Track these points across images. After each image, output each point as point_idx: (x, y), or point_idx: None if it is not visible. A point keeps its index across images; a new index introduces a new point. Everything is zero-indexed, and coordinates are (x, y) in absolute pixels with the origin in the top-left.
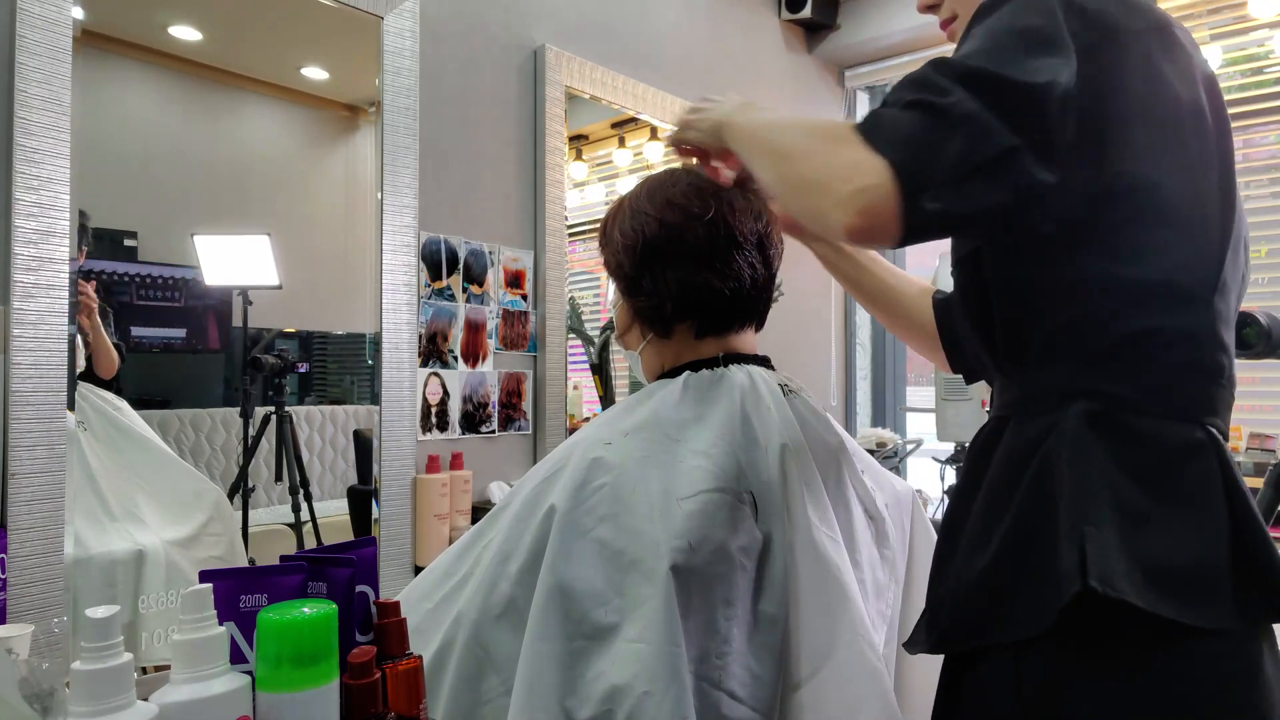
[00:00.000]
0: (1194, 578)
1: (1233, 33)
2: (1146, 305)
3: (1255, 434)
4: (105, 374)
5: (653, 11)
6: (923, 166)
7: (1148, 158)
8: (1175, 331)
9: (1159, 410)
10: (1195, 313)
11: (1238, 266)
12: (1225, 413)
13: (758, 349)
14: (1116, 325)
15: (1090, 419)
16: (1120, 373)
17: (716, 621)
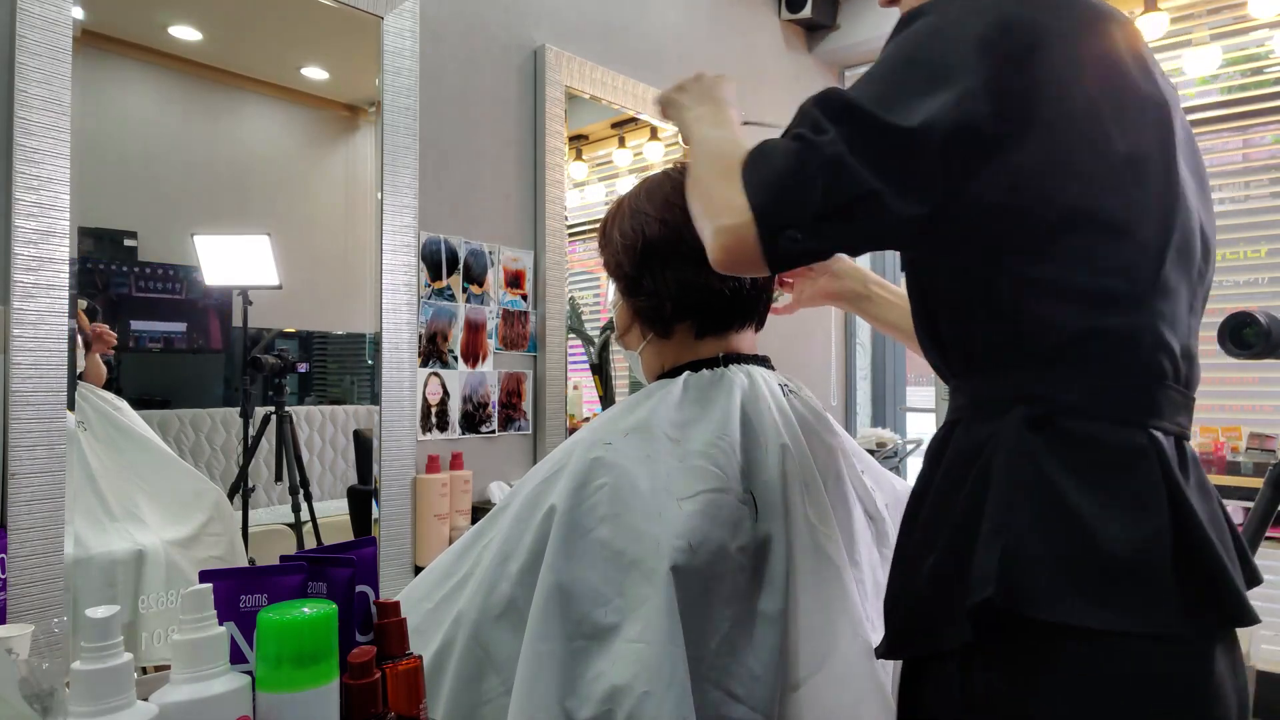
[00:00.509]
0: (1132, 583)
1: (1233, 33)
2: (1082, 309)
3: (1255, 434)
4: (96, 382)
5: (653, 11)
6: (782, 209)
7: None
8: (1112, 334)
9: (1098, 413)
10: (1133, 315)
11: (1188, 265)
12: (1175, 414)
13: (758, 349)
14: (1053, 330)
15: (1029, 423)
16: (1059, 377)
17: (716, 621)
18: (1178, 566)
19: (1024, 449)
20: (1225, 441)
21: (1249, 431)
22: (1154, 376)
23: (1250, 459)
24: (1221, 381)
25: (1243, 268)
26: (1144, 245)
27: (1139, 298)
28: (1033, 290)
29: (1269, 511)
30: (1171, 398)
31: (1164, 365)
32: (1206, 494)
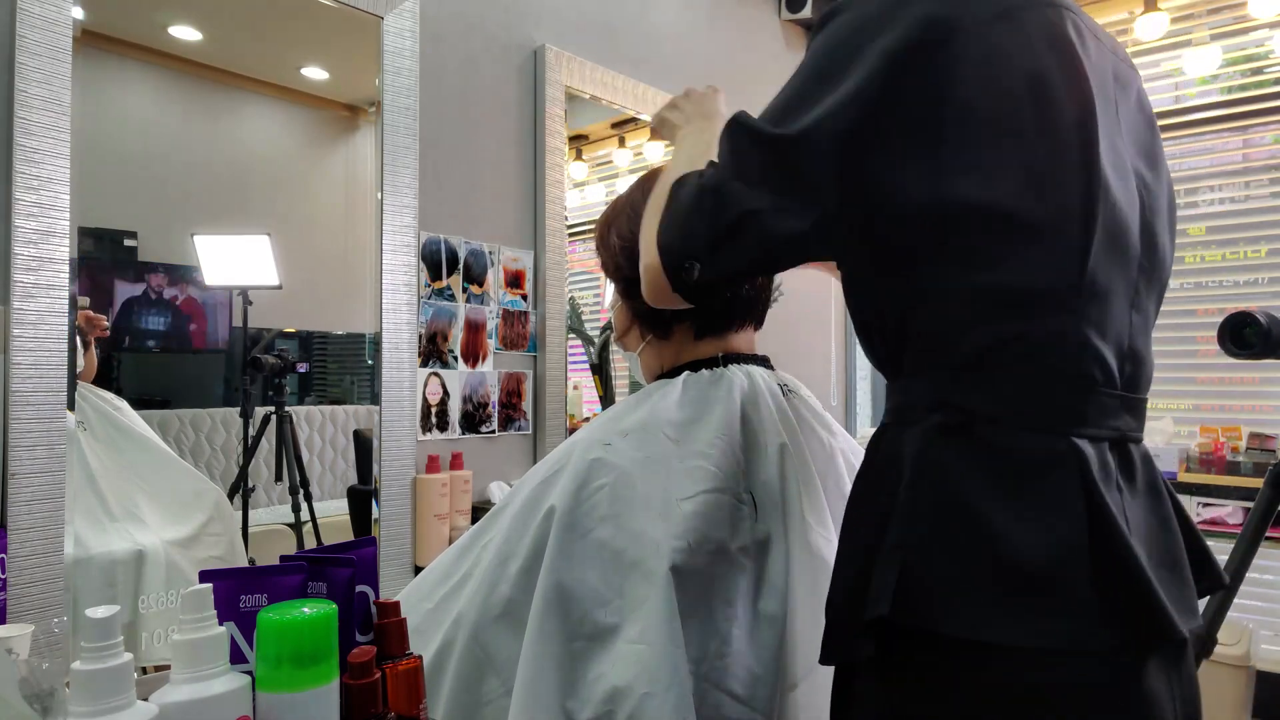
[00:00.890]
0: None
1: (1233, 33)
2: (998, 313)
3: (1255, 434)
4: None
5: (653, 11)
6: (681, 242)
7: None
8: (1030, 339)
9: (1014, 421)
10: (1053, 319)
11: (1125, 262)
12: (1108, 419)
13: (757, 349)
14: (970, 334)
15: (941, 432)
16: (976, 383)
17: (716, 622)
18: (1097, 579)
19: (932, 459)
20: (1225, 441)
21: (1249, 431)
22: (1078, 382)
23: (1250, 459)
24: (1221, 381)
25: (1243, 268)
26: (1062, 246)
27: (1060, 301)
28: (946, 296)
29: (1269, 511)
30: (1103, 402)
31: (1091, 370)
32: (1157, 497)
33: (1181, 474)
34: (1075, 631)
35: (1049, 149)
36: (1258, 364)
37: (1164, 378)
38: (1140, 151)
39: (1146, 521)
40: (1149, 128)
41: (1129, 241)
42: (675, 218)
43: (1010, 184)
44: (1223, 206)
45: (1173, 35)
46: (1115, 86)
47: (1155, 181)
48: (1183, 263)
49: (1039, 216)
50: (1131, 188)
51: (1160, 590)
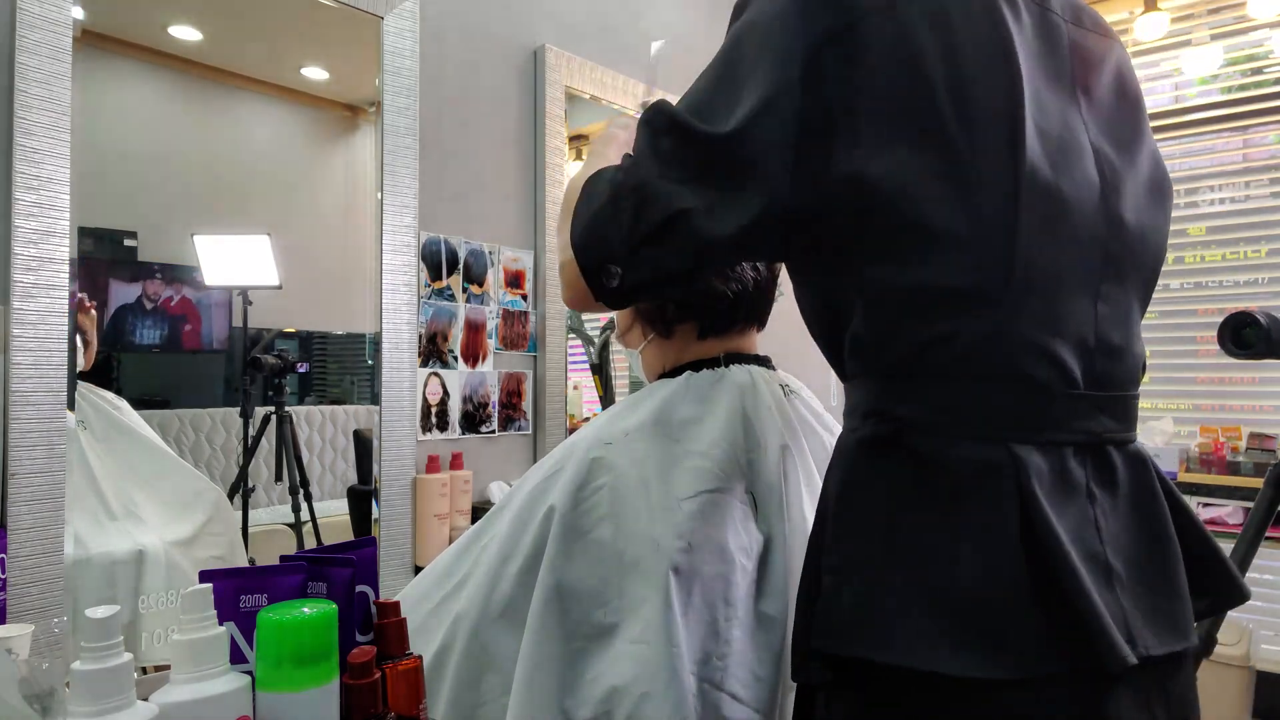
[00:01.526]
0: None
1: (1233, 33)
2: (926, 314)
3: (1255, 434)
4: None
5: (653, 11)
6: (599, 243)
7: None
8: (960, 340)
9: (948, 430)
10: (984, 318)
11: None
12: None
13: (759, 349)
14: (901, 337)
15: (873, 443)
16: (906, 389)
17: (717, 622)
18: (1038, 601)
19: (861, 473)
20: (1225, 441)
21: (1249, 431)
22: (1018, 384)
23: (1250, 459)
24: (1221, 381)
25: (1243, 268)
26: (986, 238)
27: (988, 297)
28: (874, 297)
29: (1269, 511)
30: (1058, 406)
31: (1035, 371)
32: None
33: (1181, 474)
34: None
35: (967, 136)
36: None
37: (1164, 378)
38: (1106, 129)
39: (1130, 531)
40: (1126, 103)
41: (1080, 223)
42: (591, 218)
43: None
44: (1223, 206)
45: (1173, 35)
46: (1075, 62)
47: (1124, 160)
48: (1183, 263)
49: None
50: (1086, 168)
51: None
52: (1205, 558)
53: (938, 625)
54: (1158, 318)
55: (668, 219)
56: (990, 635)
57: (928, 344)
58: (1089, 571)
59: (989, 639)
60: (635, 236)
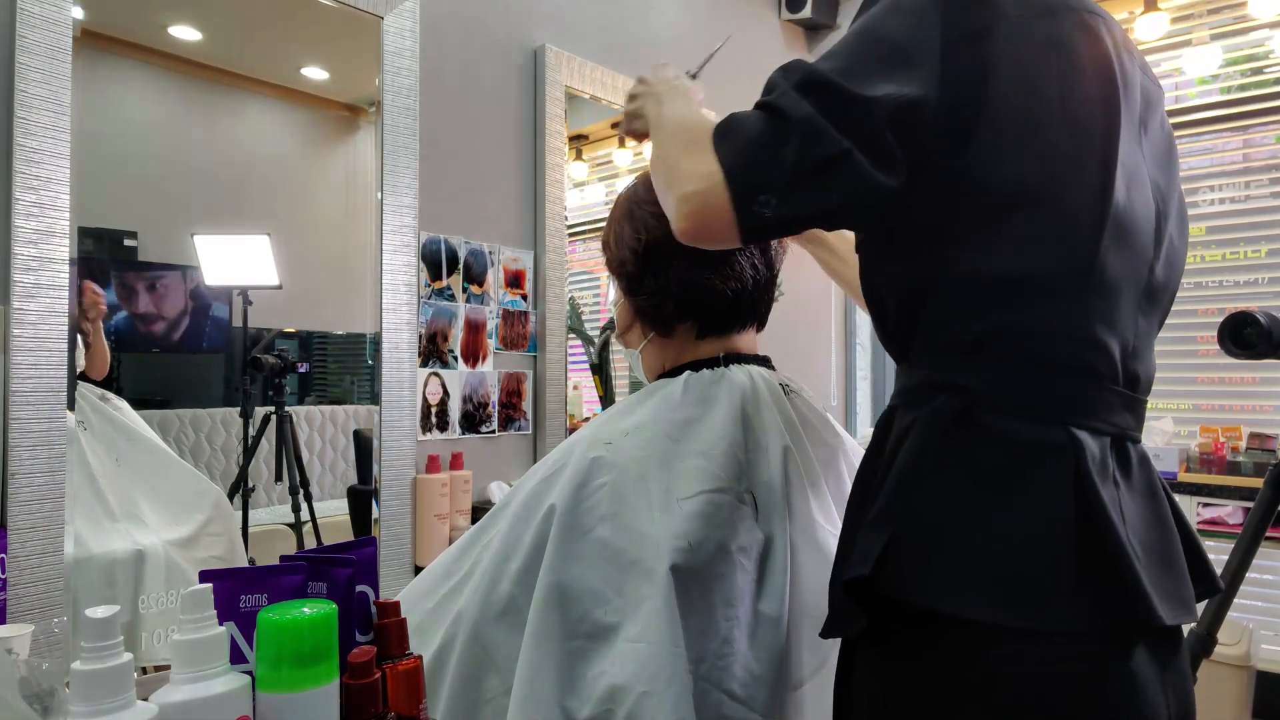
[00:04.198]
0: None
1: (1233, 33)
2: (1007, 300)
3: (1255, 434)
4: (98, 375)
5: (653, 11)
6: (755, 171)
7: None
8: (1036, 328)
9: (1014, 408)
10: (1059, 309)
11: (1134, 261)
12: (1110, 414)
13: (758, 349)
14: (978, 320)
15: (944, 414)
16: (979, 367)
17: (716, 622)
18: (1083, 566)
19: (931, 441)
20: (1225, 441)
21: (1249, 431)
22: (1082, 374)
23: (1250, 459)
24: (1221, 381)
25: (1243, 268)
26: (1074, 237)
27: (1067, 291)
28: (960, 279)
29: (1269, 511)
30: (1106, 398)
31: (1096, 363)
32: (1153, 497)
33: (1181, 474)
34: (1057, 616)
35: (1072, 144)
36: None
37: (1164, 378)
38: (1157, 165)
39: (1143, 518)
40: (1168, 146)
41: (1140, 243)
42: (746, 147)
43: (1033, 174)
44: (1223, 206)
45: (1173, 35)
46: (1142, 103)
47: (1169, 195)
48: None
49: (1056, 207)
50: (1148, 196)
51: (1144, 577)
52: (1191, 551)
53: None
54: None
55: (834, 156)
56: (1034, 592)
57: (1007, 328)
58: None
59: (1039, 596)
60: (800, 169)
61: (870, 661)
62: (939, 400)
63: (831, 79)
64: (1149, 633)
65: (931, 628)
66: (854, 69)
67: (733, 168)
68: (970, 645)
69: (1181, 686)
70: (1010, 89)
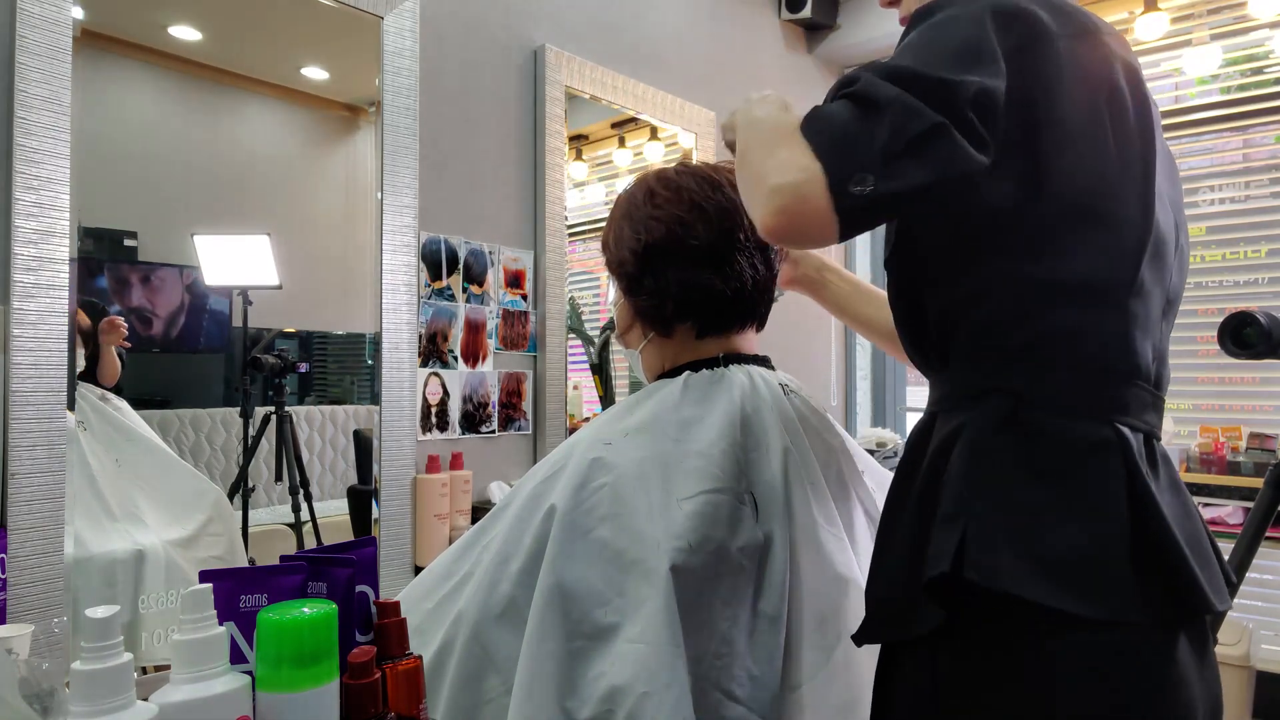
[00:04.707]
0: (1083, 570)
1: (1233, 33)
2: (1057, 305)
3: (1255, 434)
4: (109, 382)
5: (653, 11)
6: (852, 153)
7: (1066, 162)
8: (1084, 332)
9: (1065, 408)
10: (1107, 315)
11: (1163, 271)
12: (1143, 412)
13: (758, 349)
14: (1028, 324)
15: (996, 415)
16: (1029, 370)
17: (716, 622)
18: (1136, 559)
19: (984, 442)
20: (1225, 441)
21: (1249, 431)
22: (1124, 374)
23: (1250, 459)
24: (1221, 381)
25: (1243, 268)
26: (1124, 249)
27: (1116, 298)
28: (1010, 284)
29: (1269, 511)
30: (1140, 396)
31: (1135, 363)
32: (1178, 492)
33: (1181, 474)
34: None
35: (1120, 158)
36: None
37: None
38: (1167, 177)
39: (1174, 512)
40: (1172, 159)
41: (1168, 251)
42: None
43: (1086, 185)
44: (1223, 206)
45: (1173, 35)
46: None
47: (1180, 207)
48: None
49: (1104, 219)
50: (1168, 210)
51: (1195, 566)
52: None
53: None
54: None
55: (932, 128)
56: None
57: (1059, 333)
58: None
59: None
60: (896, 144)
61: (918, 658)
62: (990, 402)
63: (912, 67)
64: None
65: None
66: (930, 61)
67: (829, 153)
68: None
69: (1213, 674)
70: (1069, 102)
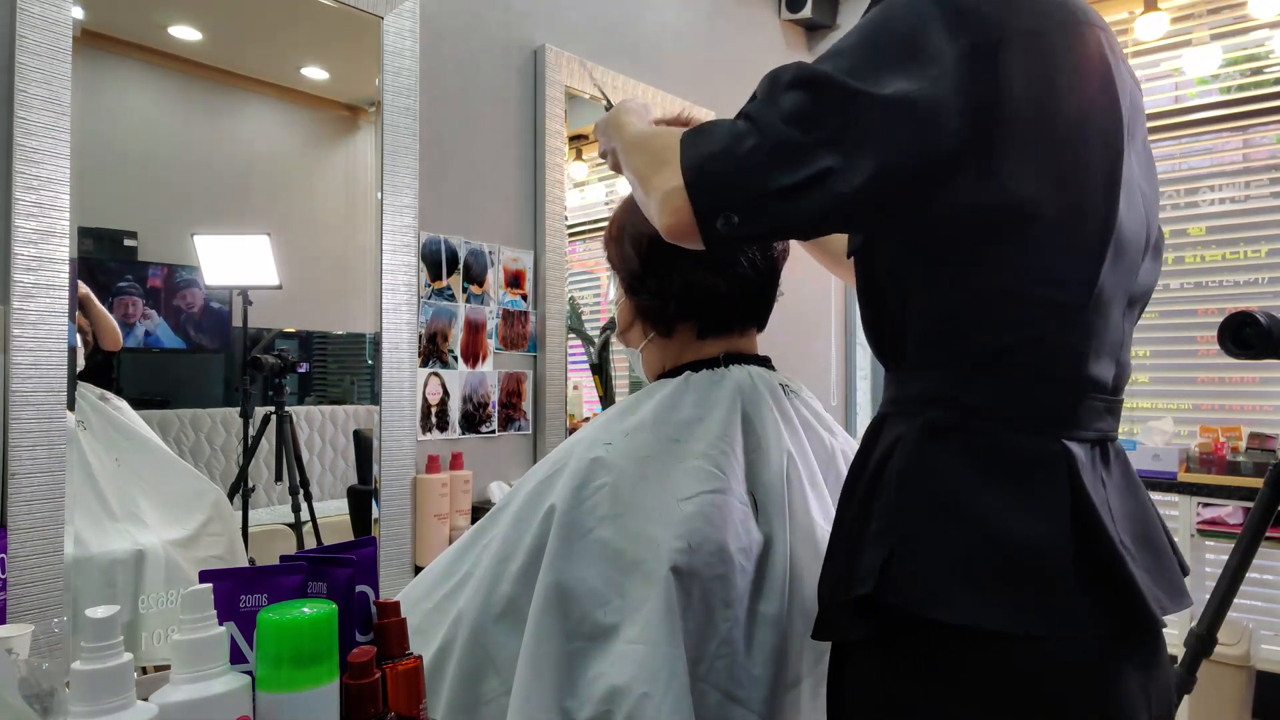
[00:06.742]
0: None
1: (1233, 33)
2: (1007, 316)
3: (1255, 434)
4: (112, 346)
5: (652, 11)
6: (717, 189)
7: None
8: (1036, 345)
9: (1012, 421)
10: (1060, 327)
11: (1128, 273)
12: (1097, 421)
13: (758, 349)
14: (977, 334)
15: (938, 425)
16: (977, 382)
17: (716, 622)
18: (1080, 571)
19: (926, 452)
20: (1225, 441)
21: (1249, 431)
22: (1076, 387)
23: (1250, 459)
24: (1221, 381)
25: (1243, 268)
26: (1080, 258)
27: (1070, 309)
28: (964, 294)
29: (1269, 511)
30: (1093, 407)
31: (1089, 375)
32: (1132, 489)
33: (1181, 474)
34: (1058, 619)
35: (1081, 165)
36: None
37: (1164, 378)
38: (1144, 174)
39: (1128, 512)
40: (1148, 153)
41: (1131, 256)
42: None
43: (1044, 194)
44: (1223, 206)
45: (1173, 35)
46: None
47: (1153, 204)
48: (1183, 263)
49: (1059, 227)
50: (1140, 207)
51: (1140, 581)
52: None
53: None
54: (1158, 318)
55: (808, 179)
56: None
57: (1007, 345)
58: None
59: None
60: (765, 190)
61: (869, 660)
62: (933, 412)
63: (829, 74)
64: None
65: (933, 631)
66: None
67: (695, 185)
68: (968, 648)
69: (1162, 682)
70: (1024, 105)
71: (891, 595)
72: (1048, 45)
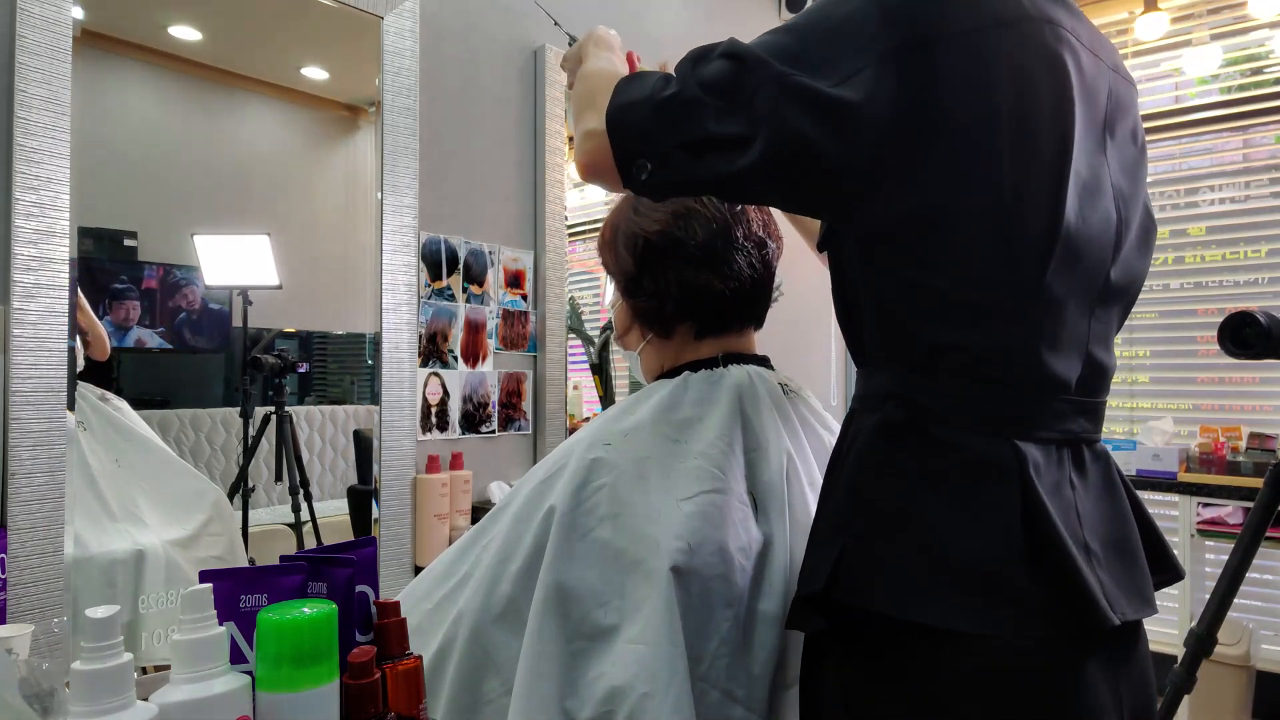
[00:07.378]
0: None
1: (1233, 33)
2: (954, 317)
3: (1255, 434)
4: (100, 355)
5: (652, 11)
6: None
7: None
8: (982, 346)
9: (962, 422)
10: (1009, 330)
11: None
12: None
13: (757, 349)
14: (927, 334)
15: (891, 425)
16: (928, 380)
17: (716, 622)
18: (1032, 571)
19: (880, 449)
20: (1225, 441)
21: (1249, 431)
22: (1029, 388)
23: (1250, 459)
24: (1221, 381)
25: (1243, 268)
26: (1023, 262)
27: (1016, 313)
28: (911, 294)
29: (1269, 511)
30: (1056, 408)
31: (1044, 375)
32: (1111, 492)
33: (1181, 474)
34: (1008, 621)
35: (1022, 168)
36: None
37: (1164, 378)
38: (1123, 169)
39: (1101, 516)
40: (1137, 149)
41: (1094, 257)
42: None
43: (981, 197)
44: (1223, 206)
45: (1173, 35)
46: (1109, 106)
47: (1133, 198)
48: (1183, 263)
49: (1002, 230)
50: (1108, 206)
51: (1091, 584)
52: (1153, 541)
53: (944, 588)
54: (1157, 318)
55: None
56: (990, 599)
57: (954, 345)
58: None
59: (989, 602)
60: (670, 143)
61: (835, 654)
62: (889, 409)
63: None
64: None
65: (890, 629)
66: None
67: (615, 131)
68: (925, 647)
69: (1138, 680)
70: (956, 110)
71: (839, 592)
72: (986, 45)
